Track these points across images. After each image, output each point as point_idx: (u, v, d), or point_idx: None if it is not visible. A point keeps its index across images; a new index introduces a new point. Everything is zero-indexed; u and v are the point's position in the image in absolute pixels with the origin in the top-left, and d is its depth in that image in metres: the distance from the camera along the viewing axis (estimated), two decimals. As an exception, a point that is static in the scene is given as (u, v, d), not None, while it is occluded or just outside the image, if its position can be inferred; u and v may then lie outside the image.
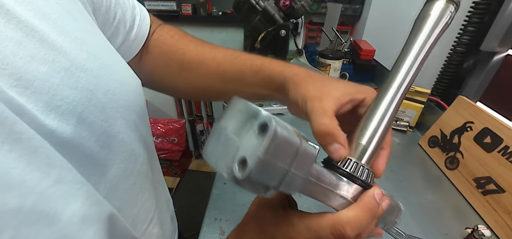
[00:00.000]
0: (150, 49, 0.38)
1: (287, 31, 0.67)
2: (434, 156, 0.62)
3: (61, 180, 0.17)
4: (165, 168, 1.69)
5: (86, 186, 0.19)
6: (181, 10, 1.23)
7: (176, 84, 0.39)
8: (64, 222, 0.16)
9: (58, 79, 0.18)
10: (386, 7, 1.13)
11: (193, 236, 0.54)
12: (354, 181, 0.20)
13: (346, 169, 0.20)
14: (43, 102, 0.17)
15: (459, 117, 0.57)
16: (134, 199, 0.27)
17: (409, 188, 0.54)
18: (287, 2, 0.65)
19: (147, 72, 0.38)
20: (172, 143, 1.64)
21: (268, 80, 0.31)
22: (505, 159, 0.47)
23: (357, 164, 0.21)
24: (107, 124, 0.22)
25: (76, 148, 0.19)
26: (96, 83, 0.21)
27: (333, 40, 1.01)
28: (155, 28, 0.38)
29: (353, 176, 0.20)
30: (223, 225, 0.44)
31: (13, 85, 0.16)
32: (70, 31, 0.20)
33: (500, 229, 0.45)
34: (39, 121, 0.17)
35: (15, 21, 0.17)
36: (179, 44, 0.37)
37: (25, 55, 0.17)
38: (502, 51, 0.78)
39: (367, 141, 0.21)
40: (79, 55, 0.20)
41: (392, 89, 0.22)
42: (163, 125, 1.61)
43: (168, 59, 0.37)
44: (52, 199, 0.16)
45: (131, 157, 0.26)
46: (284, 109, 0.75)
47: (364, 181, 0.20)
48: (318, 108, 0.23)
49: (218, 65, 0.35)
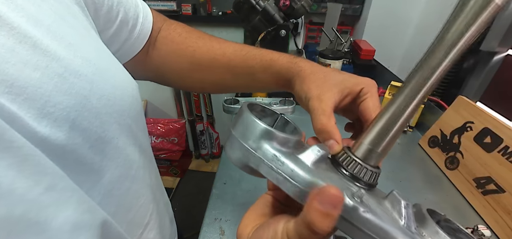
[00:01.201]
0: (158, 46, 0.38)
1: (287, 31, 0.67)
2: (434, 156, 0.62)
3: (53, 187, 0.17)
4: (165, 168, 1.69)
5: (79, 193, 0.19)
6: (181, 10, 1.23)
7: (186, 80, 0.40)
8: (55, 230, 0.16)
9: (51, 85, 0.18)
10: (386, 7, 1.13)
11: (193, 236, 0.54)
12: (356, 179, 0.20)
13: (347, 167, 0.20)
14: (36, 109, 0.17)
15: (459, 117, 0.57)
16: (129, 204, 0.27)
17: (409, 188, 0.54)
18: (287, 2, 0.65)
19: (155, 68, 0.38)
20: (172, 143, 1.64)
21: (276, 75, 0.33)
22: (505, 159, 0.47)
23: (355, 162, 0.20)
24: (101, 129, 0.22)
25: (69, 154, 0.19)
26: (90, 88, 0.21)
27: (333, 40, 1.01)
28: (161, 25, 0.38)
29: (354, 175, 0.20)
30: (223, 225, 0.44)
31: (5, 92, 0.16)
32: (64, 36, 0.20)
33: (500, 229, 0.45)
34: (31, 128, 0.17)
35: (7, 27, 0.17)
36: (188, 41, 0.38)
37: (17, 61, 0.17)
38: (502, 51, 0.78)
39: (371, 142, 0.20)
40: (73, 61, 0.20)
41: (411, 87, 0.19)
42: (163, 125, 1.62)
43: (177, 57, 0.38)
44: (43, 207, 0.16)
45: (126, 163, 0.26)
46: (284, 109, 0.75)
47: (366, 182, 0.20)
48: (317, 108, 0.25)
49: (229, 61, 0.36)
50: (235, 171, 0.54)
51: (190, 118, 1.73)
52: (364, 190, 0.18)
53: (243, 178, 0.53)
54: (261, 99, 0.78)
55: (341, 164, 0.21)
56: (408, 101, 0.19)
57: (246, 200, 0.49)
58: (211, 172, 1.84)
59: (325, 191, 0.15)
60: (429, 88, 0.18)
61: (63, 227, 0.17)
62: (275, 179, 0.19)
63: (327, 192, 0.15)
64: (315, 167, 0.19)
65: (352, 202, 0.16)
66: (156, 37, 0.38)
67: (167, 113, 1.72)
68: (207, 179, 1.76)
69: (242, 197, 0.50)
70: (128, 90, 0.26)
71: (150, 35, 0.36)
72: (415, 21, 1.13)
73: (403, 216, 0.17)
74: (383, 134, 0.20)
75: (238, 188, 0.52)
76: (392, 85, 0.73)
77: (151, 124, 1.60)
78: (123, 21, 0.32)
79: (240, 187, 0.52)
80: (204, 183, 1.73)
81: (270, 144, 0.19)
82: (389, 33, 1.17)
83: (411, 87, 0.19)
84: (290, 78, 0.31)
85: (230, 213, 0.47)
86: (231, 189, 0.51)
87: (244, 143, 0.20)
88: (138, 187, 0.28)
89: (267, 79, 0.34)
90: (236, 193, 0.50)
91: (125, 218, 0.26)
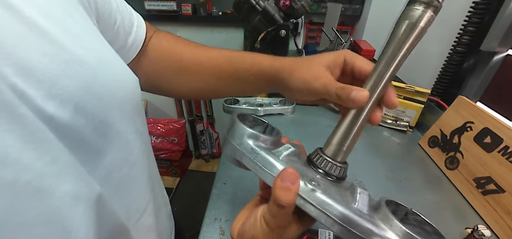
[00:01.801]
0: (148, 53, 0.39)
1: (287, 31, 0.67)
2: (434, 156, 0.62)
3: (56, 161, 0.19)
4: (165, 168, 1.69)
5: (80, 169, 0.21)
6: (181, 10, 1.23)
7: (173, 85, 0.41)
8: (56, 199, 0.18)
9: (59, 70, 0.20)
10: (386, 7, 1.13)
11: (193, 236, 0.54)
12: (327, 174, 0.24)
13: (320, 165, 0.24)
14: (44, 90, 0.19)
15: (459, 117, 0.57)
16: (127, 187, 0.28)
17: (409, 188, 0.54)
18: (287, 2, 0.65)
19: (145, 75, 0.39)
20: (172, 143, 1.64)
21: (260, 75, 0.35)
22: (505, 159, 0.47)
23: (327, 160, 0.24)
24: (104, 114, 0.23)
25: (73, 134, 0.21)
26: (94, 76, 0.22)
27: (333, 40, 1.02)
28: (151, 34, 0.40)
29: (326, 171, 0.24)
30: (223, 225, 0.44)
31: (18, 73, 0.17)
32: (71, 29, 0.22)
33: (500, 229, 0.45)
34: (40, 107, 0.18)
35: (19, 15, 0.19)
36: (176, 48, 0.40)
37: (27, 46, 0.18)
38: (502, 51, 0.78)
39: (338, 142, 0.25)
40: (78, 50, 0.22)
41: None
42: (163, 125, 1.61)
43: (165, 62, 0.39)
44: (46, 177, 0.18)
45: (126, 148, 0.27)
46: (284, 109, 0.75)
47: (336, 176, 0.24)
48: (326, 81, 0.27)
49: (214, 66, 0.38)
50: (235, 171, 0.54)
51: (190, 118, 1.73)
52: (321, 177, 0.23)
53: (243, 178, 0.53)
54: (261, 99, 0.78)
55: (314, 162, 0.25)
56: (361, 108, 0.24)
57: (246, 200, 0.49)
58: (211, 172, 1.84)
59: (285, 171, 0.21)
60: (375, 100, 0.24)
61: (64, 197, 0.19)
62: (253, 168, 0.24)
63: (286, 171, 0.21)
64: (286, 159, 0.24)
65: (310, 186, 0.21)
66: (147, 45, 0.39)
67: (167, 113, 1.72)
68: (207, 179, 1.76)
69: (242, 197, 0.50)
70: (129, 82, 0.28)
71: (143, 44, 0.38)
72: (415, 21, 1.13)
73: (356, 200, 0.21)
74: (346, 135, 0.25)
75: (238, 188, 0.52)
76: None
77: (151, 124, 1.60)
78: (119, 28, 0.33)
79: (240, 187, 0.52)
80: (204, 183, 1.73)
81: (251, 141, 0.24)
82: (389, 33, 1.17)
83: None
84: (274, 74, 0.33)
85: (230, 213, 0.47)
86: (231, 189, 0.51)
87: (232, 141, 0.25)
88: (137, 173, 0.30)
89: (253, 80, 0.36)
90: (236, 193, 0.50)
91: (123, 201, 0.28)
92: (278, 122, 0.68)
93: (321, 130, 0.70)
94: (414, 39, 0.23)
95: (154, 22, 1.32)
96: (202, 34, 1.36)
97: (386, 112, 0.75)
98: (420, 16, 0.22)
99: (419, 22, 0.22)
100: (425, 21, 0.22)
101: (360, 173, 0.56)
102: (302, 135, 0.69)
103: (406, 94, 0.72)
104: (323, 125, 0.72)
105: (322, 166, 0.24)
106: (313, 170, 0.24)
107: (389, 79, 0.24)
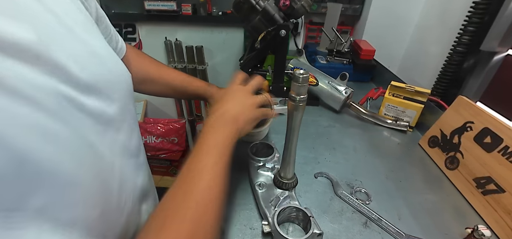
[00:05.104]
0: (124, 60, 0.48)
1: (287, 31, 0.67)
2: (434, 156, 0.62)
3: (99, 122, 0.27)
4: (165, 168, 1.69)
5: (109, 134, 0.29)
6: (181, 10, 1.23)
7: (139, 89, 0.54)
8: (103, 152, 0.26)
9: (93, 65, 0.27)
10: (386, 7, 1.13)
11: (193, 236, 0.54)
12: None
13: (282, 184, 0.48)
14: (85, 88, 0.25)
15: (459, 117, 0.57)
16: (134, 169, 0.35)
17: (409, 188, 0.54)
18: (287, 2, 0.65)
19: None
20: (172, 143, 1.64)
21: (198, 93, 0.59)
22: (505, 159, 0.47)
23: None
24: (116, 95, 0.30)
25: (100, 114, 0.27)
26: (104, 64, 0.29)
27: (333, 40, 1.02)
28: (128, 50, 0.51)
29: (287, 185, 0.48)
30: (223, 225, 0.44)
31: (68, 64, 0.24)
32: (83, 23, 0.29)
33: (500, 229, 0.45)
34: (81, 101, 0.25)
35: (53, 13, 0.24)
36: (144, 63, 0.55)
37: (68, 43, 0.25)
38: (502, 51, 0.78)
39: (282, 172, 0.48)
40: (92, 42, 0.28)
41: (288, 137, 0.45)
42: (163, 125, 1.61)
43: (135, 73, 0.48)
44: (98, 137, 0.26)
45: (133, 126, 0.35)
46: (284, 109, 0.75)
47: (290, 186, 0.48)
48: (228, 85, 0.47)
49: (172, 81, 0.58)
50: (234, 171, 0.54)
51: (190, 118, 1.73)
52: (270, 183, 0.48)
53: (242, 178, 0.53)
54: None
55: (278, 183, 0.47)
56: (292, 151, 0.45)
57: (246, 200, 0.49)
58: (211, 172, 1.83)
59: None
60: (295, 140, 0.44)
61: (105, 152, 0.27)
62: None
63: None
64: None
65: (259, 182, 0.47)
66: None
67: (167, 113, 1.72)
68: (207, 179, 1.75)
69: (242, 197, 0.50)
70: (125, 75, 0.34)
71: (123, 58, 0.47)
72: (415, 21, 1.13)
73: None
74: (286, 164, 0.46)
75: (238, 188, 0.52)
76: (392, 85, 0.73)
77: (151, 123, 1.60)
78: (113, 36, 0.43)
79: (240, 187, 0.52)
80: (204, 183, 1.72)
81: None
82: (389, 33, 1.17)
83: (288, 138, 0.44)
84: (208, 97, 0.58)
85: (230, 213, 0.47)
86: (231, 189, 0.51)
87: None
88: (139, 160, 0.36)
89: (194, 96, 0.60)
90: (236, 193, 0.50)
91: (133, 181, 0.34)
92: (278, 122, 0.68)
93: (321, 130, 0.70)
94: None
95: (154, 22, 1.33)
96: (202, 34, 1.35)
97: (386, 112, 0.75)
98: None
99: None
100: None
101: (360, 173, 0.56)
102: (302, 134, 0.69)
103: (406, 94, 0.72)
104: (323, 125, 0.72)
105: (282, 186, 0.47)
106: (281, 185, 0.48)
107: None
